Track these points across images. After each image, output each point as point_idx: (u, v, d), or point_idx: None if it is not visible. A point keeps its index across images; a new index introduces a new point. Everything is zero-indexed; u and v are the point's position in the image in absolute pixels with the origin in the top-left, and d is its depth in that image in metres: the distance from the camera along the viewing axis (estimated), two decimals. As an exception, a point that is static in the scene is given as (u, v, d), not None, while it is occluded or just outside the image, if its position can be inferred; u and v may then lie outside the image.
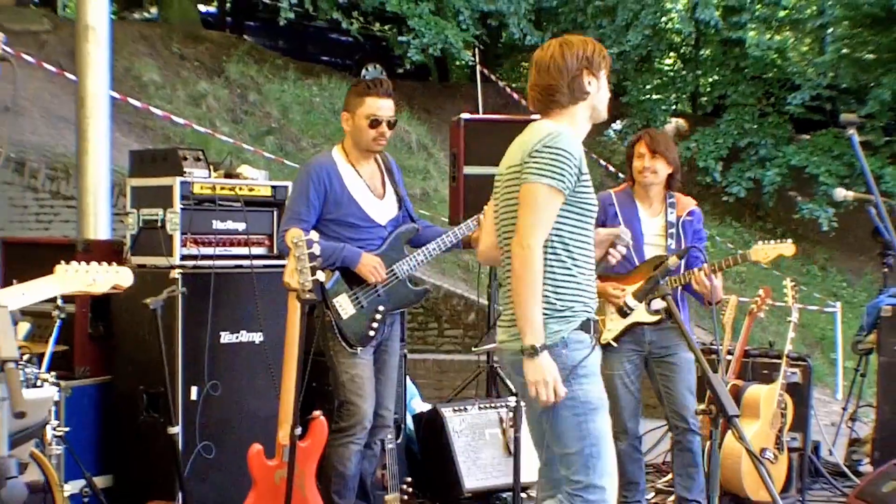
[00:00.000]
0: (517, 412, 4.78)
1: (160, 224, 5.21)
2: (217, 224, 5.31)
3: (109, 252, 5.35)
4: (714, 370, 4.11)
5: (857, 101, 14.77)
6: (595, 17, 15.83)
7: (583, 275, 3.65)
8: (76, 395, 5.13)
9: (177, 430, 4.95)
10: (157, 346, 4.84)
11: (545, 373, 3.49)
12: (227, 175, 5.46)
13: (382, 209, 5.06)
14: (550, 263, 3.57)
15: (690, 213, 5.37)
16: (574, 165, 3.55)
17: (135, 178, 5.47)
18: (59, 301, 4.68)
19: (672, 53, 18.24)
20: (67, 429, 4.64)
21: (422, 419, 6.13)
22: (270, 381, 5.04)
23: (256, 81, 14.00)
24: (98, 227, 6.73)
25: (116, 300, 5.30)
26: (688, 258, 5.17)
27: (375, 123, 4.94)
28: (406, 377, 6.03)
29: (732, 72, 16.11)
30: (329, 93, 14.34)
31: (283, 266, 4.57)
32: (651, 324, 5.27)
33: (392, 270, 5.01)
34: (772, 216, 15.63)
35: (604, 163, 13.60)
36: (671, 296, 3.88)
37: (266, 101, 13.66)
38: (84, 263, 3.94)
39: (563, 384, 3.52)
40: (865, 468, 6.61)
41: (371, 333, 4.96)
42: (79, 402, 5.18)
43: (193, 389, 5.13)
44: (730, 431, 3.42)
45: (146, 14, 18.03)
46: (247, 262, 5.33)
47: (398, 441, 5.78)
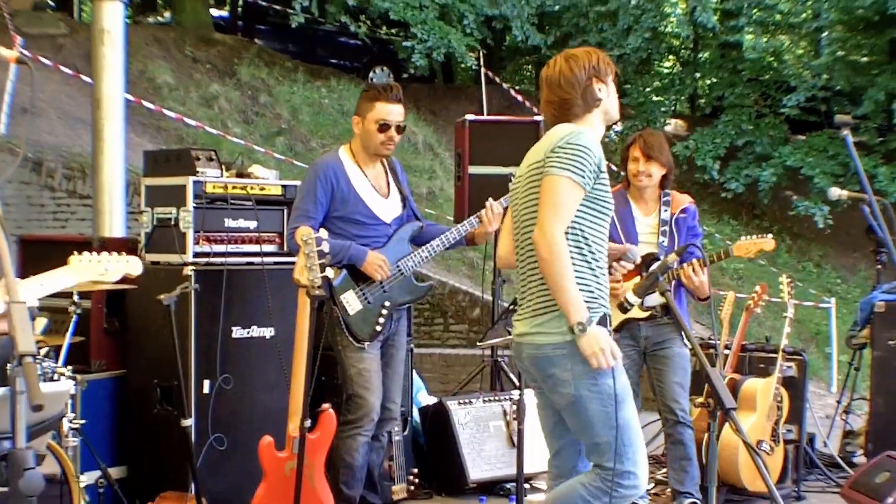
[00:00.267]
0: (520, 405, 4.81)
1: (174, 222, 5.26)
2: (229, 222, 5.35)
3: (124, 249, 5.27)
4: (712, 364, 4.14)
5: (852, 103, 14.82)
6: (596, 21, 15.85)
7: (600, 269, 3.71)
8: (92, 389, 5.10)
9: (189, 423, 4.99)
10: (171, 341, 4.87)
11: (600, 342, 3.55)
12: (239, 175, 5.51)
13: (387, 207, 5.14)
14: (572, 256, 3.62)
15: (684, 210, 5.42)
16: (593, 163, 3.64)
17: (149, 178, 5.51)
18: (76, 297, 4.73)
19: (671, 56, 18.32)
20: (83, 421, 4.63)
21: (428, 412, 6.18)
22: (281, 375, 5.05)
23: (267, 84, 14.02)
24: (113, 226, 6.73)
25: (131, 296, 5.34)
26: (684, 255, 5.21)
27: (385, 128, 5.02)
28: (413, 371, 6.10)
29: (730, 74, 16.15)
30: (338, 95, 14.36)
31: (293, 263, 4.60)
32: (645, 319, 5.34)
33: (397, 267, 5.08)
34: (768, 214, 15.65)
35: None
36: (669, 292, 3.98)
37: (276, 103, 13.68)
38: (96, 254, 3.99)
39: (587, 378, 3.60)
40: (859, 459, 6.64)
41: (378, 328, 5.02)
42: (94, 396, 5.15)
43: (206, 383, 5.16)
44: (727, 424, 3.49)
45: (160, 18, 18.13)
46: (258, 259, 5.37)
47: (405, 433, 5.86)
